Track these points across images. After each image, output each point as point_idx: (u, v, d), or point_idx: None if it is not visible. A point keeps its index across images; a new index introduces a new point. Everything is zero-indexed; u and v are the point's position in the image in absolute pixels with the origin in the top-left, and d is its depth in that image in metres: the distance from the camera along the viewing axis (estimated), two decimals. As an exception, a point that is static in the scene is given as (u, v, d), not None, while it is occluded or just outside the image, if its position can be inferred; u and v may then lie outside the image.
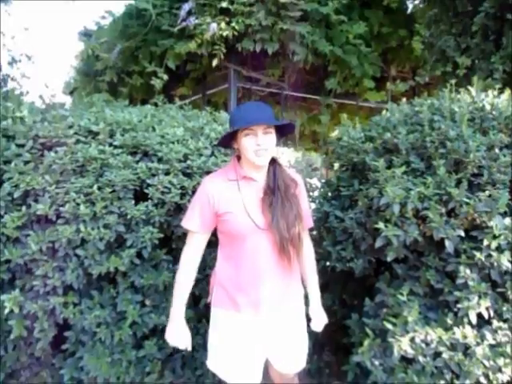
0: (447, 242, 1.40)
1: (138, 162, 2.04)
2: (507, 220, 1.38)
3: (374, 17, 4.07)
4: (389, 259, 1.53)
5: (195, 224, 1.43)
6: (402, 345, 1.39)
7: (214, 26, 3.21)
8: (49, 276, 1.80)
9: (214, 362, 1.50)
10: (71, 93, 5.67)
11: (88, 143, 2.00)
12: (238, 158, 1.48)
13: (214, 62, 3.53)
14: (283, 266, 1.45)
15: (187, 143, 2.18)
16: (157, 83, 3.68)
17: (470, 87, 1.88)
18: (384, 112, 2.05)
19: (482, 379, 1.32)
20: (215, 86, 4.67)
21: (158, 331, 2.08)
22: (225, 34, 3.37)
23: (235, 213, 1.39)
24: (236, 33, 3.47)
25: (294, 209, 1.42)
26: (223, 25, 3.30)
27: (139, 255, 1.92)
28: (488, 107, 1.73)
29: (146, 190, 1.92)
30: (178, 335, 1.48)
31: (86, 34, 5.10)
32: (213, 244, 1.67)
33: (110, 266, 1.82)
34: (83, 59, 4.68)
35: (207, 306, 2.09)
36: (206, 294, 2.03)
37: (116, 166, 1.92)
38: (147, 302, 1.98)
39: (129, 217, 1.83)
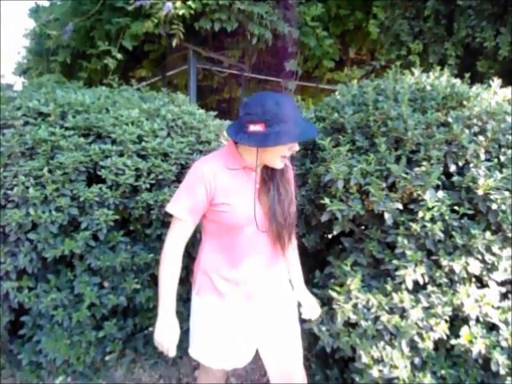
0: (386, 215, 1.50)
1: (90, 143, 2.01)
2: (440, 193, 1.49)
3: (332, -1, 4.11)
4: (335, 233, 1.62)
5: (183, 211, 1.28)
6: (346, 311, 1.50)
7: (169, 4, 3.14)
8: (0, 261, 1.77)
9: (198, 350, 1.43)
10: (24, 73, 5.40)
11: (38, 125, 1.95)
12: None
13: (174, 43, 3.46)
14: (275, 255, 1.41)
15: (142, 125, 2.17)
16: (110, 63, 3.58)
17: (413, 69, 1.98)
18: (337, 93, 2.12)
19: (416, 338, 1.44)
20: (175, 68, 4.60)
21: (118, 312, 2.11)
22: (181, 12, 3.31)
23: (233, 205, 1.28)
24: (193, 12, 3.41)
25: (289, 195, 1.37)
26: (179, 3, 3.23)
27: (95, 238, 1.92)
28: (429, 88, 1.83)
29: (99, 172, 1.91)
30: (170, 335, 1.33)
31: (38, 11, 4.85)
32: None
33: (65, 249, 1.81)
34: (34, 38, 4.45)
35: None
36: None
37: (67, 148, 1.89)
38: (105, 284, 1.99)
39: (82, 199, 1.82)
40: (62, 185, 1.81)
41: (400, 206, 1.51)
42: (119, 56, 3.21)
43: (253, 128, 1.20)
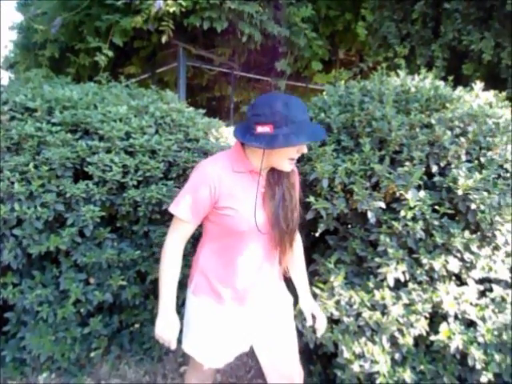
0: (369, 214, 1.53)
1: (77, 140, 2.01)
2: (422, 193, 1.53)
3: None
4: (319, 231, 1.64)
5: (187, 213, 1.26)
6: (329, 307, 1.52)
7: (159, 2, 3.14)
8: (-16, 257, 1.76)
9: (192, 346, 1.41)
10: (11, 67, 5.33)
11: (24, 120, 1.94)
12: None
13: (163, 39, 3.45)
14: (274, 257, 1.40)
15: (130, 121, 2.17)
16: (101, 60, 3.56)
17: (399, 71, 2.01)
18: (324, 93, 2.15)
19: (397, 334, 1.48)
20: (165, 65, 4.58)
21: (104, 309, 2.11)
22: (172, 10, 3.30)
23: (238, 210, 1.26)
24: (184, 10, 3.41)
25: (294, 201, 1.34)
26: (170, 1, 3.22)
27: (81, 234, 1.92)
28: (413, 90, 1.87)
29: (86, 169, 1.91)
30: (171, 330, 1.31)
31: (25, 4, 4.78)
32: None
33: (50, 245, 1.81)
34: (21, 32, 4.39)
35: (153, 283, 2.14)
36: (153, 270, 2.08)
37: (54, 144, 1.88)
38: (91, 280, 1.99)
39: (68, 195, 1.82)
40: (48, 180, 1.80)
41: (383, 205, 1.54)
42: (110, 53, 3.19)
43: (261, 129, 1.18)
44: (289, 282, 1.52)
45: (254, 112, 1.20)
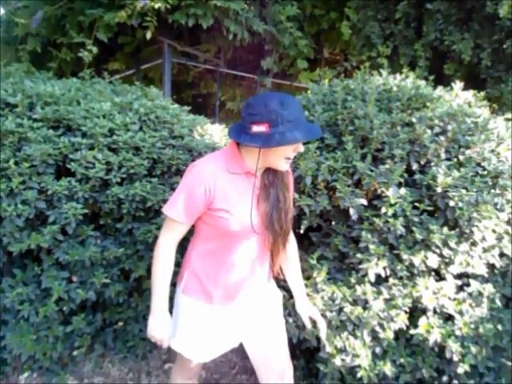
0: (351, 210, 1.56)
1: (60, 136, 1.99)
2: (402, 190, 1.56)
3: (308, -1, 4.16)
4: (303, 228, 1.66)
5: (181, 214, 1.25)
6: (313, 302, 1.55)
7: (145, 1, 3.11)
8: (-37, 255, 1.73)
9: (181, 344, 1.41)
10: (-10, 62, 5.19)
11: (4, 116, 1.91)
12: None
13: (148, 35, 3.42)
14: (265, 258, 1.41)
15: (114, 118, 2.15)
16: (85, 56, 3.51)
17: (381, 70, 2.04)
18: (308, 92, 2.17)
19: (378, 328, 1.51)
20: (150, 61, 4.54)
21: (87, 307, 2.09)
22: (157, 6, 3.28)
23: (233, 212, 1.24)
24: (169, 6, 3.38)
25: (287, 202, 1.34)
26: (155, -3, 3.20)
27: (64, 232, 1.90)
28: (395, 89, 1.90)
29: (68, 166, 1.89)
30: (164, 330, 1.33)
31: (6, -2, 4.66)
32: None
33: (31, 243, 1.78)
34: (2, 25, 4.29)
35: (137, 280, 2.14)
36: (137, 268, 2.07)
37: (35, 140, 1.85)
38: (74, 278, 1.97)
39: (50, 192, 1.79)
40: (29, 177, 1.78)
41: (365, 202, 1.57)
42: (94, 49, 3.14)
43: (256, 129, 1.16)
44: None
45: (249, 111, 1.19)
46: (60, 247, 1.91)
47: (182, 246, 1.48)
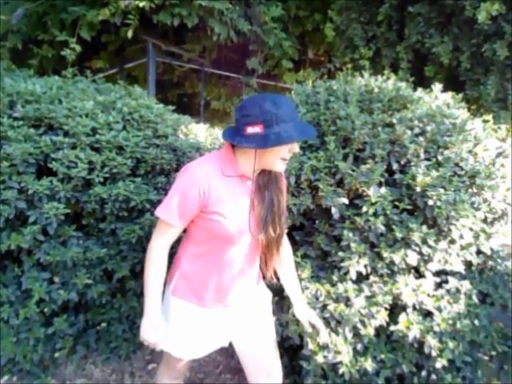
0: (333, 209, 1.58)
1: (41, 135, 1.96)
2: (383, 189, 1.60)
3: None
4: (286, 226, 1.68)
5: (175, 217, 1.23)
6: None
7: (129, 1, 3.08)
8: None
9: (171, 345, 1.40)
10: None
11: (-17, 114, 1.87)
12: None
13: (129, 34, 3.39)
14: (256, 260, 1.41)
15: (97, 117, 2.13)
16: (68, 54, 3.46)
17: (363, 72, 2.08)
18: (292, 92, 2.19)
19: (359, 325, 1.54)
20: (134, 60, 4.51)
21: (70, 308, 2.07)
22: (141, 5, 3.25)
23: (226, 216, 1.23)
24: (154, 5, 3.36)
25: (281, 205, 1.33)
26: (139, -4, 3.18)
27: (45, 232, 1.87)
28: (376, 90, 1.94)
29: (50, 165, 1.86)
30: (157, 333, 1.31)
31: (-15, -6, 4.55)
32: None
33: (11, 243, 1.75)
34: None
35: (121, 281, 2.12)
36: (120, 269, 2.06)
37: (16, 139, 1.83)
38: (55, 279, 1.95)
39: (30, 192, 1.77)
40: (9, 177, 1.75)
41: (346, 201, 1.59)
42: (78, 48, 3.10)
43: (251, 130, 1.15)
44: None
45: (243, 113, 1.18)
46: (41, 248, 1.88)
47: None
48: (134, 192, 2.00)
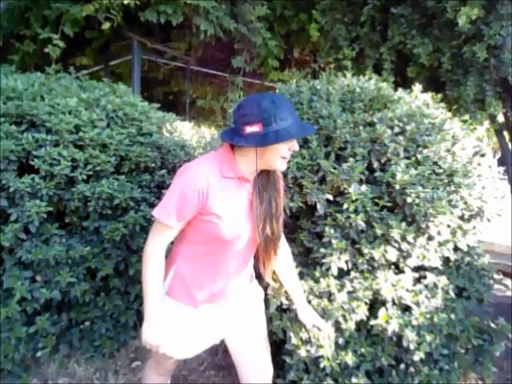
0: (319, 205, 1.61)
1: (23, 132, 1.94)
2: (363, 187, 1.63)
3: (278, -2, 4.21)
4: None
5: (173, 218, 1.21)
6: (279, 297, 1.59)
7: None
8: None
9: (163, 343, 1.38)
10: None
11: (-37, 111, 1.85)
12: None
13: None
14: (250, 260, 1.41)
15: (80, 114, 2.12)
16: (52, 50, 3.42)
17: (346, 71, 2.12)
18: (277, 91, 2.21)
19: (341, 319, 1.57)
20: (119, 57, 4.47)
21: (53, 306, 2.05)
22: (126, 2, 3.23)
23: (223, 218, 1.22)
24: (138, 2, 3.34)
25: (279, 208, 1.34)
26: (124, -7, 3.15)
27: (27, 230, 1.86)
28: (358, 90, 1.98)
29: (32, 162, 1.85)
30: (159, 335, 1.30)
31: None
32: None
33: (-8, 241, 1.74)
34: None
35: (104, 279, 2.11)
36: (104, 267, 2.05)
37: (-4, 136, 1.80)
38: (37, 278, 1.93)
39: (12, 190, 1.75)
40: (-10, 174, 1.73)
41: (331, 197, 1.63)
42: (61, 44, 3.06)
43: (250, 129, 1.15)
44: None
45: (242, 113, 1.18)
46: (23, 246, 1.87)
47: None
48: (117, 190, 2.00)
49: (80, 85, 2.58)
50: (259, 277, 1.51)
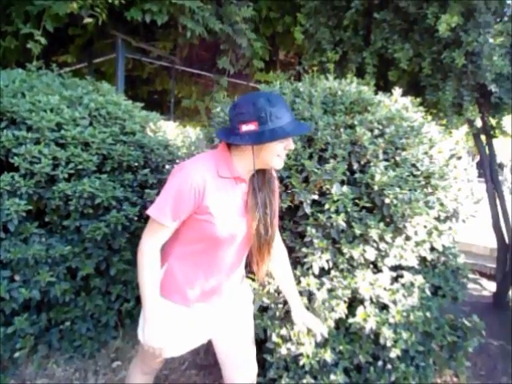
0: (305, 205, 1.64)
1: (2, 129, 1.91)
2: (344, 187, 1.67)
3: (263, 0, 4.24)
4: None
5: (168, 218, 1.20)
6: (260, 296, 1.61)
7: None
8: None
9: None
10: None
11: None
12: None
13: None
14: (243, 261, 1.41)
15: (62, 112, 2.10)
16: (33, 46, 3.37)
17: (328, 74, 2.15)
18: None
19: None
20: (103, 55, 4.42)
21: (32, 306, 2.02)
22: (110, 0, 3.21)
23: (218, 218, 1.22)
24: (123, 1, 3.32)
25: (274, 208, 1.34)
26: (109, -9, 3.13)
27: (5, 229, 1.83)
28: (339, 93, 2.02)
29: (11, 160, 1.82)
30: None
31: None
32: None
33: (-30, 240, 1.71)
34: None
35: (85, 279, 2.10)
36: (84, 266, 2.04)
37: (-26, 133, 1.77)
38: (16, 277, 1.90)
39: (-10, 187, 1.73)
40: (-32, 172, 1.70)
41: (316, 197, 1.66)
42: (43, 41, 3.01)
43: (245, 128, 1.16)
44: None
45: (237, 111, 1.19)
46: (1, 245, 1.84)
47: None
48: (99, 189, 1.98)
49: (62, 82, 2.55)
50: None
